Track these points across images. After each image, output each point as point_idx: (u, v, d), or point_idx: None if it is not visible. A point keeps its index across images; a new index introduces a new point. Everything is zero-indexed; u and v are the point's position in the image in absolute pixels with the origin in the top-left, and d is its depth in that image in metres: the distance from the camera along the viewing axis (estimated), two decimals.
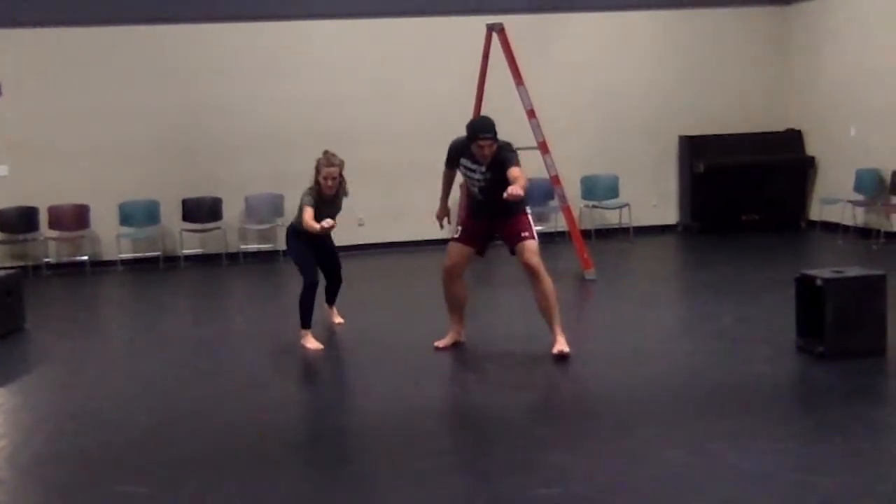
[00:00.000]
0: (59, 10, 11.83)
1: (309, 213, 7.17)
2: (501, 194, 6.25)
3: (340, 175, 7.39)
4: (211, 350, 7.75)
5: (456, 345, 7.19)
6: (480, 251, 7.08)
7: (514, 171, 6.43)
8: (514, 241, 6.74)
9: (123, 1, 11.91)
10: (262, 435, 5.47)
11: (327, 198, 7.35)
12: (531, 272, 6.69)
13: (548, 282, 6.71)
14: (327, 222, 7.08)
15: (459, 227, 7.08)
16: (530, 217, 6.82)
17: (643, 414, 5.55)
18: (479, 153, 6.60)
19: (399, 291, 10.07)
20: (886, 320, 6.41)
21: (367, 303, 9.01)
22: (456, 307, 7.20)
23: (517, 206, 6.65)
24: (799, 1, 12.95)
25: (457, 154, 6.88)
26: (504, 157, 6.58)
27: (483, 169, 6.67)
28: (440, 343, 7.21)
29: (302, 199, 7.28)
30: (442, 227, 7.35)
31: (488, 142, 6.54)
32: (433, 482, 4.69)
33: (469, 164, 6.77)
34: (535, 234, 6.78)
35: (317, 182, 7.31)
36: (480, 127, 6.63)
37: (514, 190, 6.15)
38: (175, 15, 12.01)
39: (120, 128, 12.05)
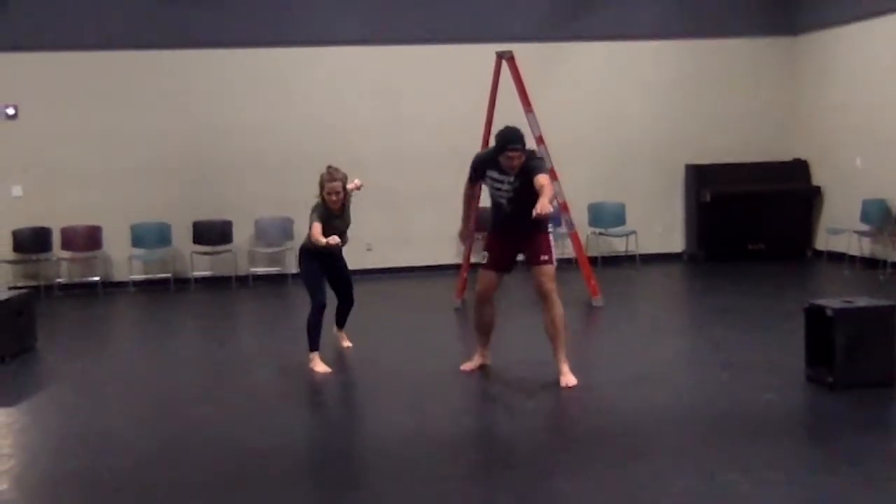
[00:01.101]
0: (74, 35, 11.87)
1: (317, 229, 7.10)
2: (528, 203, 6.13)
3: (344, 189, 7.34)
4: (220, 372, 7.68)
5: (482, 368, 7.12)
6: (507, 270, 6.97)
7: (540, 178, 6.31)
8: (532, 262, 6.65)
9: (137, 27, 11.96)
10: (269, 458, 5.39)
11: (335, 212, 7.30)
12: (543, 297, 6.62)
13: (558, 309, 6.63)
14: (333, 239, 7.00)
15: (486, 254, 6.95)
16: (552, 238, 6.74)
17: (652, 442, 5.46)
18: (508, 164, 6.49)
19: (407, 316, 10.00)
20: None
21: (375, 327, 8.94)
22: (484, 331, 7.13)
23: (542, 223, 6.55)
24: (806, 32, 12.92)
25: (483, 166, 6.75)
26: (531, 165, 6.48)
27: (511, 179, 6.56)
28: (466, 366, 7.14)
29: (310, 216, 7.23)
30: (465, 245, 7.23)
31: (517, 152, 6.44)
32: None
33: (496, 175, 6.64)
34: (554, 259, 6.69)
35: (322, 197, 7.27)
36: (510, 137, 6.48)
37: (544, 208, 5.99)
38: (187, 41, 12.05)
39: (132, 151, 12.05)
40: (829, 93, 12.55)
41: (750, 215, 12.68)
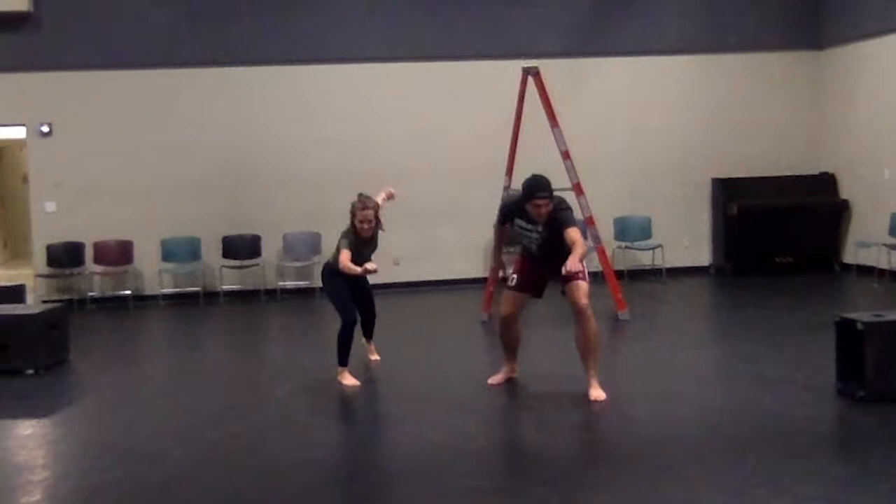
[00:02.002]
0: (107, 54, 12.01)
1: (346, 256, 7.10)
2: (557, 250, 6.15)
3: (376, 216, 7.33)
4: (249, 385, 7.68)
5: (509, 381, 7.08)
6: (538, 294, 6.95)
7: (571, 234, 6.30)
8: (566, 280, 6.57)
9: (168, 46, 12.07)
10: (298, 471, 5.37)
11: (364, 239, 7.30)
12: (579, 313, 6.53)
13: (593, 326, 6.57)
14: (371, 265, 7.02)
15: (514, 276, 6.90)
16: (584, 260, 6.69)
17: (683, 457, 5.39)
18: (535, 212, 6.44)
19: (434, 329, 9.98)
20: None
21: (403, 341, 8.92)
22: (510, 348, 7.10)
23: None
24: (832, 46, 12.83)
25: (511, 214, 6.73)
26: (560, 215, 6.43)
27: (539, 228, 6.53)
28: (493, 380, 7.11)
29: (339, 242, 7.23)
30: (501, 279, 7.25)
31: (545, 201, 6.38)
32: None
33: (524, 223, 6.61)
34: (588, 277, 6.63)
35: (353, 225, 7.26)
36: (537, 186, 6.41)
37: (573, 266, 6.04)
38: (218, 59, 12.13)
39: (163, 167, 12.13)
40: (855, 106, 12.44)
41: (777, 229, 12.58)
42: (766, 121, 13.05)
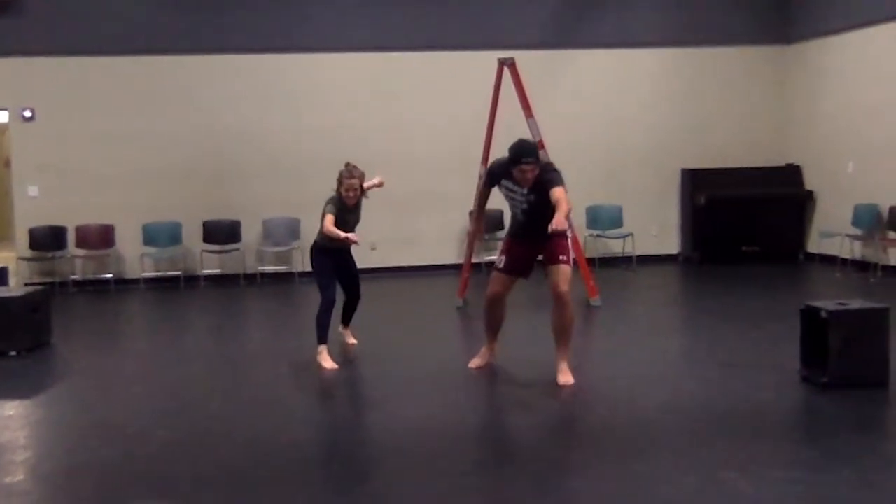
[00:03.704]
0: (89, 40, 11.86)
1: (330, 220, 7.15)
2: (544, 215, 6.06)
3: (361, 187, 7.35)
4: (229, 367, 7.64)
5: (488, 364, 7.07)
6: (525, 274, 6.88)
7: (556, 192, 6.17)
8: (550, 261, 6.52)
9: (150, 32, 11.94)
10: (279, 452, 5.35)
11: (348, 207, 7.33)
12: (557, 298, 6.48)
13: (570, 312, 6.53)
14: (354, 236, 7.08)
15: (503, 257, 6.85)
16: (570, 241, 6.66)
17: (652, 440, 5.42)
18: (522, 177, 6.34)
19: (411, 314, 9.98)
20: (889, 352, 6.27)
21: (380, 324, 8.90)
22: (492, 329, 7.06)
23: None
24: (799, 41, 12.89)
25: (498, 175, 6.63)
26: (546, 177, 6.33)
27: (525, 191, 6.45)
28: (474, 363, 7.09)
29: (324, 208, 7.25)
30: (473, 245, 7.19)
31: (531, 166, 6.30)
32: (447, 502, 4.57)
33: (511, 185, 6.53)
34: (571, 260, 6.59)
35: (339, 192, 7.28)
36: (523, 150, 6.33)
37: (558, 224, 5.91)
38: (198, 46, 12.03)
39: (145, 152, 12.04)
40: (821, 100, 12.51)
41: (744, 219, 12.65)
42: (734, 113, 13.11)
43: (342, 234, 7.08)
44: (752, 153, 13.06)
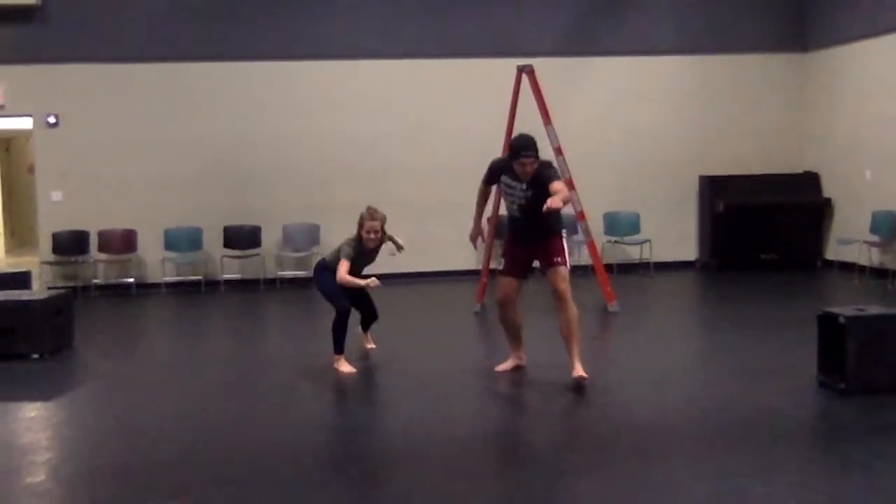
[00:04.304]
0: (113, 48, 11.98)
1: (345, 267, 7.05)
2: (541, 212, 6.08)
3: (382, 228, 7.27)
4: (247, 371, 7.66)
5: (517, 369, 7.05)
6: (523, 275, 6.90)
7: (556, 185, 6.28)
8: (546, 264, 6.59)
9: (173, 40, 12.04)
10: (296, 456, 5.35)
11: (367, 249, 7.25)
12: (558, 298, 6.54)
13: (572, 309, 6.55)
14: (373, 281, 7.02)
15: (503, 259, 6.92)
16: (565, 242, 6.67)
17: (668, 445, 5.39)
18: (521, 170, 6.44)
19: (428, 319, 9.98)
20: None
21: (398, 330, 8.89)
22: (513, 333, 7.07)
23: (555, 226, 6.55)
24: (817, 49, 12.82)
25: (498, 171, 6.74)
26: (545, 174, 6.43)
27: (524, 186, 6.51)
28: (501, 367, 7.08)
29: (342, 250, 7.16)
30: (476, 247, 7.22)
31: (530, 159, 6.39)
32: None
33: (510, 181, 6.61)
34: (568, 261, 6.63)
35: (359, 235, 7.21)
36: (523, 144, 6.46)
37: (555, 202, 5.94)
38: (221, 54, 12.11)
39: (167, 158, 12.11)
40: (839, 107, 12.44)
41: (762, 226, 12.58)
42: (752, 121, 13.05)
43: (360, 283, 7.03)
44: (770, 160, 13.00)
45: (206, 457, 5.39)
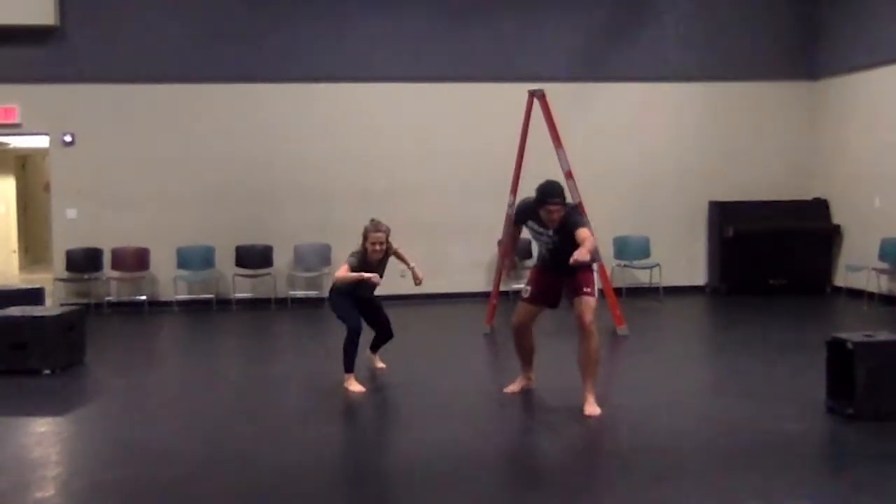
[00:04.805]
0: (128, 69, 12.06)
1: (343, 269, 7.11)
2: (569, 255, 6.07)
3: (387, 241, 7.29)
4: (258, 390, 7.65)
5: (525, 391, 7.03)
6: (553, 305, 6.88)
7: (582, 233, 6.22)
8: (574, 294, 6.52)
9: (187, 61, 12.13)
10: (305, 474, 5.34)
11: (372, 262, 7.26)
12: (582, 329, 6.45)
13: (595, 342, 6.47)
14: (375, 277, 7.00)
15: (529, 287, 6.85)
16: (595, 275, 6.63)
17: (676, 467, 5.36)
18: (548, 217, 6.37)
19: (439, 340, 9.97)
20: None
21: (409, 350, 8.87)
22: (525, 357, 7.05)
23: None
24: (826, 77, 12.83)
25: (525, 215, 6.65)
26: (572, 220, 6.37)
27: (551, 233, 6.47)
28: (509, 388, 7.06)
29: (347, 260, 7.20)
30: (510, 275, 7.19)
31: (557, 206, 6.31)
32: None
33: (537, 227, 6.55)
34: (596, 293, 6.55)
35: (364, 247, 7.23)
36: (549, 191, 6.34)
37: (581, 255, 5.96)
38: (235, 75, 12.17)
39: (180, 178, 12.17)
40: (847, 135, 12.43)
41: (771, 251, 12.55)
42: (761, 147, 13.05)
43: (356, 276, 7.04)
44: (780, 187, 12.99)
45: (214, 475, 5.38)
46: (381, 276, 7.36)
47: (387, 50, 12.43)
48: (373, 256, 7.23)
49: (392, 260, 7.57)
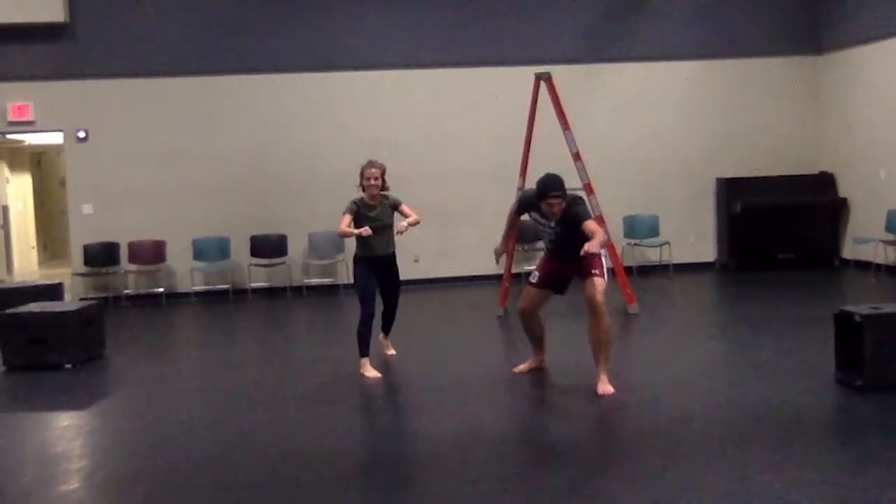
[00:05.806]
0: (140, 63, 12.08)
1: (344, 221, 7.15)
2: (573, 246, 6.07)
3: (382, 177, 7.30)
4: (276, 378, 7.69)
5: (537, 370, 7.06)
6: (560, 291, 6.90)
7: (590, 225, 6.22)
8: (584, 276, 6.50)
9: (198, 54, 12.13)
10: (323, 460, 5.37)
11: (371, 205, 7.26)
12: (592, 309, 6.44)
13: (606, 322, 6.46)
14: (365, 230, 7.06)
15: (537, 273, 6.87)
16: (603, 259, 6.62)
17: (688, 443, 5.37)
18: (549, 211, 6.38)
19: (452, 323, 9.99)
20: None
21: (421, 334, 8.92)
22: (534, 339, 7.08)
23: None
24: (831, 52, 12.75)
25: (526, 207, 6.69)
26: (574, 211, 6.36)
27: (552, 224, 6.49)
28: (519, 368, 7.09)
29: (347, 206, 7.24)
30: (497, 262, 7.24)
31: (557, 200, 6.32)
32: None
33: (539, 218, 6.58)
34: (605, 275, 6.54)
35: (361, 188, 7.29)
36: (549, 185, 6.34)
37: (592, 248, 5.96)
38: (247, 66, 12.17)
39: (194, 170, 12.19)
40: (853, 108, 12.36)
41: (779, 226, 12.51)
42: (768, 123, 12.98)
43: (353, 232, 7.07)
44: (786, 162, 12.94)
45: (235, 463, 5.42)
46: (387, 222, 7.34)
47: (395, 38, 12.41)
48: (370, 192, 7.23)
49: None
